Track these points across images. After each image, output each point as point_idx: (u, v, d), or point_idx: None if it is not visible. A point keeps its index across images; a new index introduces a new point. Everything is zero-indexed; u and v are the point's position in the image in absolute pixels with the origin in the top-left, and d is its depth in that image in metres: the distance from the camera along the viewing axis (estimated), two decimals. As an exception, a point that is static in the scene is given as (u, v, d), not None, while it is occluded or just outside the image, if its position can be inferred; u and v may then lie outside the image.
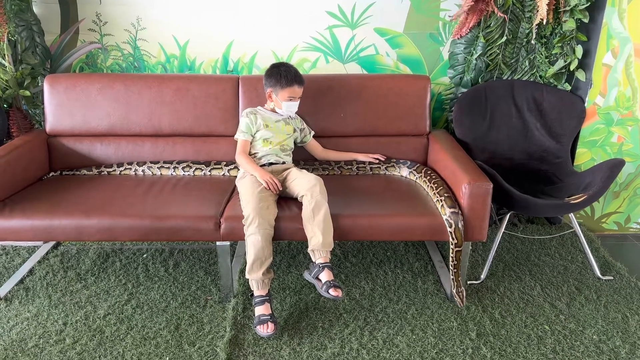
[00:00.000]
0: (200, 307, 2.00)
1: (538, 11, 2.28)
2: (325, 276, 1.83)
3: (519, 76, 2.48)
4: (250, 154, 2.17)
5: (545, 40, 2.41)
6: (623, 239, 2.72)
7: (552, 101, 2.42)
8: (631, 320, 1.96)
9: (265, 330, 1.80)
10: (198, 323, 1.91)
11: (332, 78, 2.43)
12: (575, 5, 2.24)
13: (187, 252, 2.42)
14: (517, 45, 2.43)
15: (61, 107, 2.34)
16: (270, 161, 2.16)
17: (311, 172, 2.12)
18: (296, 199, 2.00)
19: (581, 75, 2.38)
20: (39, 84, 2.49)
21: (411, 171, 2.30)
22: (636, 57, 2.45)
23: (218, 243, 1.96)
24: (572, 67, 2.36)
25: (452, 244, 1.93)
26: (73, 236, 1.94)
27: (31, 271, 2.26)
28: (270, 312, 1.85)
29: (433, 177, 2.12)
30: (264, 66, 2.39)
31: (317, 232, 1.85)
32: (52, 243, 2.48)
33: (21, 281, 2.18)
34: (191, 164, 2.34)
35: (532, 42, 2.40)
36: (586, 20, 2.28)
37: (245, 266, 2.28)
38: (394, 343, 1.82)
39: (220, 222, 1.92)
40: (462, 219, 1.91)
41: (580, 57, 2.35)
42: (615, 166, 2.08)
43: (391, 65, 2.58)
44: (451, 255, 1.95)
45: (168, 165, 2.35)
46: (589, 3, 2.24)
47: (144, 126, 2.37)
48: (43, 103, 2.38)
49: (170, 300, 2.05)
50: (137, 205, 2.01)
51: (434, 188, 2.05)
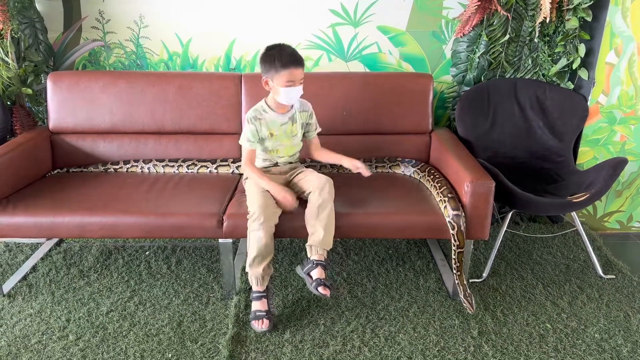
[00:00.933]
0: (202, 304, 2.01)
1: (541, 9, 2.27)
2: (317, 274, 1.84)
3: (522, 74, 2.48)
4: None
5: (548, 38, 2.41)
6: (625, 238, 2.72)
7: (555, 100, 2.42)
8: (633, 319, 1.96)
9: (260, 326, 1.82)
10: (200, 320, 1.92)
11: (335, 76, 2.43)
12: (578, 3, 2.24)
13: (190, 250, 2.43)
14: (520, 43, 2.42)
15: (64, 105, 2.34)
16: (277, 161, 2.10)
17: (319, 171, 2.11)
18: (300, 197, 1.99)
19: (584, 73, 2.37)
20: (42, 82, 2.50)
21: (415, 170, 2.30)
22: (639, 56, 2.45)
23: (220, 240, 1.96)
24: (575, 66, 2.36)
25: (454, 246, 1.92)
26: (76, 233, 1.95)
27: (34, 268, 2.27)
28: (266, 309, 1.86)
29: (437, 177, 2.12)
30: (267, 64, 2.39)
31: (319, 229, 1.85)
32: (55, 240, 2.49)
33: (24, 278, 2.19)
34: (196, 162, 2.35)
35: (535, 41, 2.40)
36: (589, 18, 2.27)
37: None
38: (396, 341, 1.82)
39: (222, 220, 1.92)
40: (465, 221, 1.91)
41: (583, 56, 2.34)
42: (617, 165, 2.08)
43: (394, 63, 2.57)
44: (453, 257, 1.94)
45: (173, 163, 2.35)
46: (592, 1, 2.23)
47: (147, 124, 2.37)
48: (46, 100, 2.38)
49: (172, 297, 2.05)
50: (140, 202, 2.01)
51: (437, 187, 2.04)
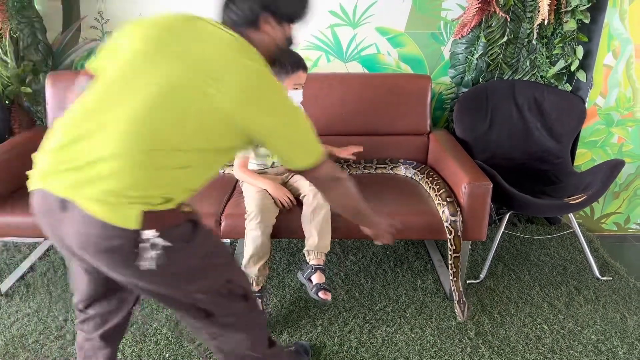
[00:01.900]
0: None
1: (539, 11, 2.28)
2: (316, 278, 1.83)
3: (520, 76, 2.48)
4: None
5: (546, 40, 2.41)
6: (622, 240, 2.73)
7: (553, 101, 2.43)
8: (629, 320, 1.97)
9: None
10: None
11: (334, 77, 2.43)
12: (576, 5, 2.24)
13: (188, 250, 2.43)
14: (518, 45, 2.43)
15: (63, 104, 2.34)
16: (273, 162, 2.09)
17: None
18: (298, 197, 2.00)
19: (582, 75, 2.38)
20: (41, 81, 2.49)
21: (415, 172, 2.30)
22: (637, 58, 2.46)
23: (218, 241, 1.97)
24: (573, 68, 2.36)
25: (451, 250, 1.93)
26: (74, 233, 1.94)
27: (32, 267, 2.27)
28: (261, 309, 1.85)
29: (435, 179, 2.12)
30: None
31: (314, 233, 1.84)
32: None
33: (22, 277, 2.19)
34: None
35: (533, 43, 2.41)
36: (587, 20, 2.28)
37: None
38: (393, 341, 1.83)
39: (220, 220, 1.93)
40: (462, 226, 1.91)
41: (581, 58, 2.35)
42: (615, 167, 2.09)
43: (392, 64, 2.58)
44: (450, 262, 1.95)
45: None
46: (590, 4, 2.24)
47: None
48: (45, 100, 2.38)
49: (170, 297, 2.06)
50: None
51: (436, 190, 2.04)
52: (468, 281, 2.18)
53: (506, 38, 2.38)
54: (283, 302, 2.04)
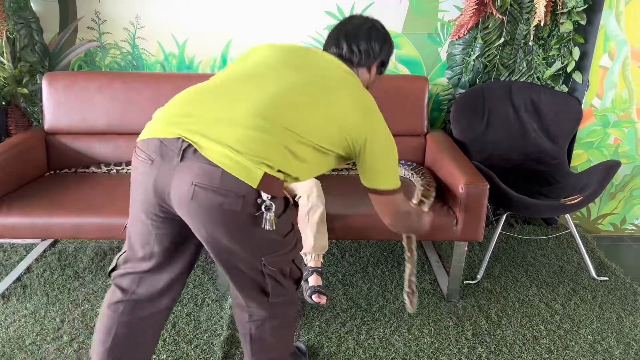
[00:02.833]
0: (197, 306, 2.01)
1: (536, 13, 2.29)
2: (312, 280, 1.83)
3: (517, 77, 2.49)
4: None
5: (542, 42, 2.42)
6: (619, 240, 2.74)
7: (549, 102, 2.44)
8: (625, 320, 1.97)
9: None
10: (195, 321, 1.92)
11: (331, 78, 2.43)
12: (572, 7, 2.26)
13: (185, 251, 2.42)
14: (515, 46, 2.44)
15: (59, 105, 2.34)
16: None
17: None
18: (293, 198, 2.00)
19: (578, 77, 2.39)
20: (38, 82, 2.49)
21: (412, 173, 2.29)
22: (633, 60, 2.47)
23: (216, 242, 1.97)
24: (570, 69, 2.38)
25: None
26: (71, 234, 1.94)
27: (29, 269, 2.26)
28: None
29: (426, 179, 2.12)
30: (263, 65, 2.39)
31: (310, 235, 1.84)
32: (50, 241, 2.48)
33: (19, 279, 2.19)
34: None
35: (530, 44, 2.42)
36: (583, 22, 2.29)
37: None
38: (391, 342, 1.83)
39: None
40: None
41: (577, 59, 2.36)
42: (611, 168, 2.10)
43: (389, 66, 2.58)
44: (409, 244, 1.80)
45: None
46: (587, 5, 2.25)
47: (143, 125, 2.32)
48: (41, 101, 2.37)
49: (167, 298, 2.05)
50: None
51: (419, 190, 2.03)
52: (465, 282, 2.19)
53: (503, 39, 2.39)
54: (280, 303, 2.04)
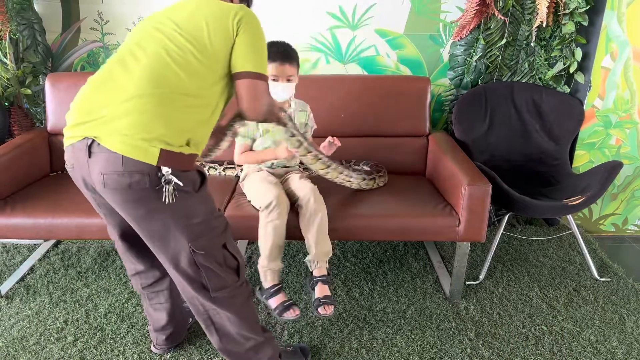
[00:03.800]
0: (200, 306, 2.01)
1: (538, 14, 2.29)
2: (318, 291, 1.80)
3: (519, 78, 2.50)
4: None
5: (544, 42, 2.42)
6: (620, 241, 2.74)
7: (551, 103, 2.44)
8: (628, 321, 1.98)
9: (293, 314, 1.75)
10: (198, 322, 1.92)
11: (333, 79, 2.44)
12: (574, 8, 2.26)
13: (187, 251, 2.43)
14: (517, 47, 2.44)
15: (62, 106, 2.34)
16: (272, 163, 2.08)
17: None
18: (293, 203, 1.96)
19: (580, 77, 2.39)
20: (40, 83, 2.50)
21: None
22: (635, 61, 2.47)
23: (219, 242, 1.97)
24: (572, 70, 2.38)
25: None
26: (74, 234, 1.95)
27: (32, 269, 2.26)
28: (289, 298, 1.81)
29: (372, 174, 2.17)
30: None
31: (312, 244, 1.83)
32: (53, 241, 2.49)
33: (22, 279, 2.19)
34: (204, 163, 2.34)
35: (532, 45, 2.42)
36: (585, 23, 2.29)
37: (245, 265, 2.30)
38: (393, 342, 1.83)
39: (221, 222, 1.93)
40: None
41: (579, 60, 2.36)
42: (613, 168, 2.10)
43: (391, 66, 2.59)
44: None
45: None
46: (589, 6, 2.26)
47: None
48: (44, 101, 2.38)
49: (170, 298, 2.06)
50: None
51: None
52: (467, 282, 2.19)
53: (505, 40, 2.39)
54: (283, 304, 2.04)
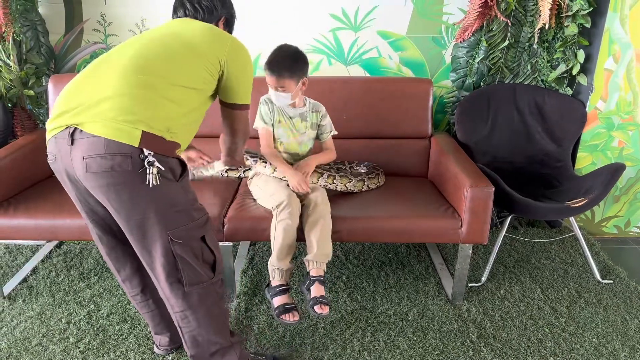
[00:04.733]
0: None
1: (540, 16, 2.29)
2: (314, 291, 1.79)
3: (521, 80, 2.50)
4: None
5: (547, 44, 2.42)
6: (623, 243, 2.73)
7: (554, 105, 2.44)
8: (630, 323, 1.97)
9: (291, 318, 1.74)
10: (200, 323, 1.92)
11: (335, 80, 2.44)
12: (577, 10, 2.26)
13: (190, 252, 2.43)
14: (520, 49, 2.44)
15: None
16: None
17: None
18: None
19: (583, 79, 2.39)
20: (44, 84, 2.50)
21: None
22: (637, 63, 2.47)
23: (221, 244, 1.97)
24: (574, 72, 2.38)
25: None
26: (77, 235, 1.95)
27: (34, 270, 2.27)
28: (293, 301, 1.80)
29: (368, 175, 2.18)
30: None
31: (313, 243, 1.82)
32: (55, 242, 2.49)
33: (25, 280, 2.20)
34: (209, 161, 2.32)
35: (534, 47, 2.42)
36: (588, 25, 2.29)
37: (247, 266, 2.30)
38: (395, 344, 1.83)
39: (223, 223, 1.93)
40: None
41: (582, 62, 2.36)
42: (616, 170, 2.10)
43: (394, 68, 2.59)
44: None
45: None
46: (592, 8, 2.25)
47: (148, 126, 2.37)
48: (47, 103, 2.39)
49: (172, 300, 2.06)
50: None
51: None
52: (470, 284, 2.19)
53: (507, 42, 2.39)
54: (285, 305, 2.04)
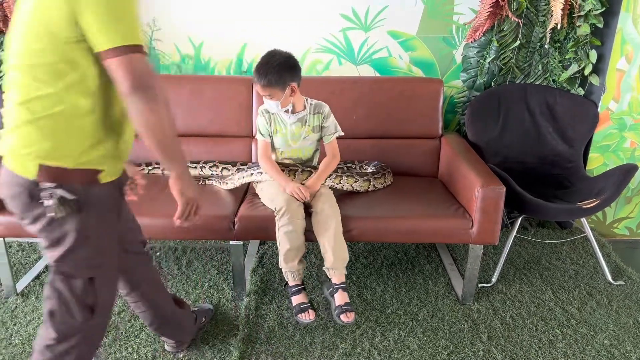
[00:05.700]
0: (213, 306, 2.02)
1: (552, 16, 2.28)
2: (339, 299, 1.83)
3: (532, 80, 2.48)
4: None
5: (559, 44, 2.41)
6: (634, 244, 2.71)
7: (565, 105, 2.43)
8: (643, 325, 1.96)
9: (306, 317, 1.81)
10: (211, 321, 1.93)
11: (345, 80, 2.45)
12: (589, 10, 2.25)
13: (200, 251, 2.45)
14: (531, 49, 2.43)
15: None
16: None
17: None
18: (306, 208, 1.97)
19: (595, 80, 2.38)
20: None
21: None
22: (650, 63, 2.45)
23: (232, 242, 1.98)
24: (586, 72, 2.36)
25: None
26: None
27: (47, 267, 2.29)
28: (308, 300, 1.86)
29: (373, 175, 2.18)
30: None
31: (328, 250, 1.83)
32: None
33: (37, 277, 2.22)
34: (218, 164, 2.35)
35: (546, 47, 2.41)
36: (600, 25, 2.28)
37: (257, 265, 2.31)
38: (405, 344, 1.83)
39: (234, 222, 1.94)
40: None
41: (594, 62, 2.35)
42: (628, 171, 2.08)
43: (404, 67, 2.59)
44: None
45: (195, 164, 2.36)
46: (604, 8, 2.24)
47: (159, 126, 2.39)
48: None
49: (183, 297, 2.07)
50: (152, 203, 2.03)
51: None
52: (480, 285, 2.18)
53: (518, 42, 2.38)
54: (295, 304, 2.05)
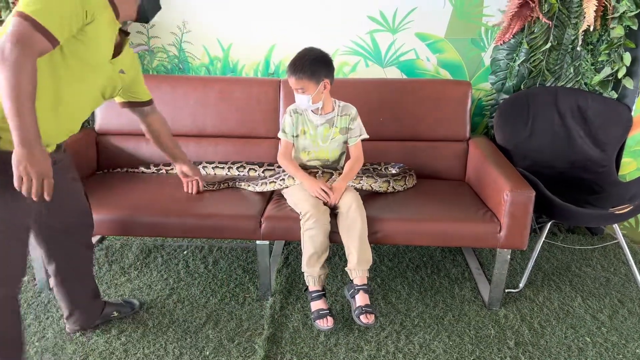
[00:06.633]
0: (238, 304, 2.05)
1: (585, 17, 2.24)
2: (359, 300, 1.82)
3: (563, 83, 2.44)
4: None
5: (591, 47, 2.36)
6: (668, 252, 2.63)
7: (597, 109, 2.37)
8: (677, 335, 1.90)
9: (325, 324, 1.81)
10: (237, 320, 1.95)
11: (372, 82, 2.45)
12: (624, 11, 2.20)
13: (226, 250, 2.47)
14: (562, 51, 2.39)
15: (110, 107, 2.41)
16: (305, 164, 2.08)
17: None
18: (332, 210, 1.97)
19: (628, 83, 2.32)
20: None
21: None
22: (687, 65, 2.38)
23: (258, 242, 2.00)
24: (620, 75, 2.31)
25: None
26: (119, 231, 2.01)
27: (78, 263, 2.35)
28: (328, 307, 1.86)
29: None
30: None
31: (353, 251, 1.84)
32: (97, 237, 2.57)
33: (69, 273, 2.27)
34: (245, 164, 2.38)
35: (578, 49, 2.36)
36: (635, 27, 2.23)
37: (282, 265, 2.33)
38: (431, 348, 1.82)
39: (261, 222, 1.96)
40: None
41: (628, 65, 2.29)
42: (663, 177, 2.03)
43: (431, 70, 2.57)
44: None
45: (223, 165, 2.39)
46: (639, 10, 2.19)
47: (189, 126, 2.43)
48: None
49: (210, 296, 2.10)
50: (181, 202, 2.06)
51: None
52: (507, 290, 2.15)
53: (549, 44, 2.34)
54: (320, 305, 2.05)
